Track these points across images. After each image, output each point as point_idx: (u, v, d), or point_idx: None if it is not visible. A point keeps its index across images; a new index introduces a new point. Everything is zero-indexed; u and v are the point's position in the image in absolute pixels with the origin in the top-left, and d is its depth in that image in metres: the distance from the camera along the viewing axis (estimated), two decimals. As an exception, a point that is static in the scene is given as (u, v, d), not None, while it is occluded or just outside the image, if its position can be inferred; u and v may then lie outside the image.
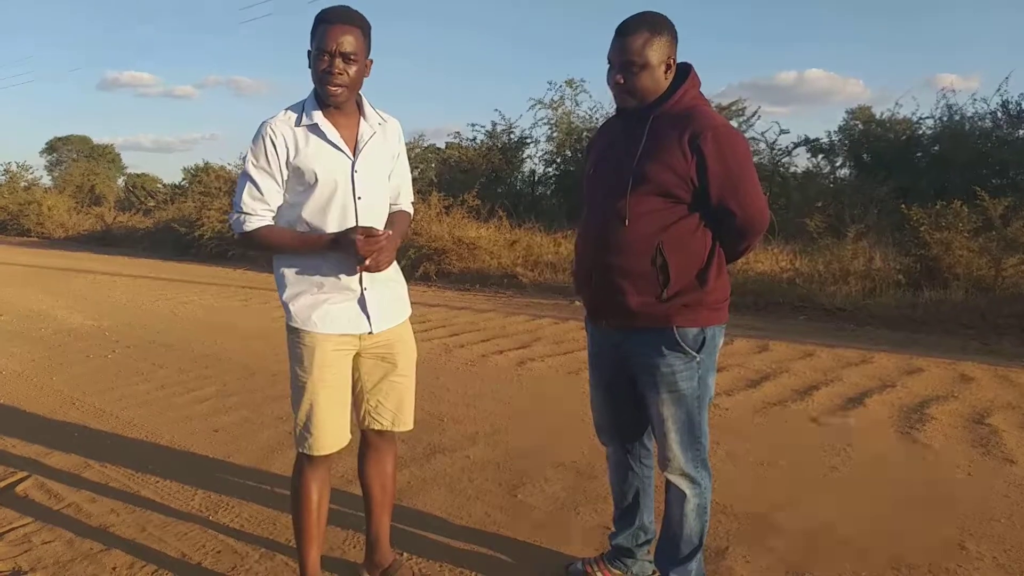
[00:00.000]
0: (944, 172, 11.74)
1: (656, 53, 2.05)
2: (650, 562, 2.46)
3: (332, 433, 2.20)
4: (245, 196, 2.12)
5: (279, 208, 2.17)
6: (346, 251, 2.06)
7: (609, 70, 2.12)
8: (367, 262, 2.06)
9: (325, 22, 2.04)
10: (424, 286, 10.46)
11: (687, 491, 2.23)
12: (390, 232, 2.11)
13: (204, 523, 2.96)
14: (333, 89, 2.06)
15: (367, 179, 2.16)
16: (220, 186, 16.25)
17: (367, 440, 2.38)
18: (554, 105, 15.80)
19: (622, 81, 2.08)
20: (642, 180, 2.06)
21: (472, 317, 7.92)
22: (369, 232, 2.04)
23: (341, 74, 2.04)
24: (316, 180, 2.09)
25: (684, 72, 2.14)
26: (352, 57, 2.04)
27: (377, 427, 2.33)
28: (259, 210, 2.12)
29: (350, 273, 2.14)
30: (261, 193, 2.12)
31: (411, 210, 2.46)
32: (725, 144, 2.02)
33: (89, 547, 2.77)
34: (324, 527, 2.32)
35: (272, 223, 2.16)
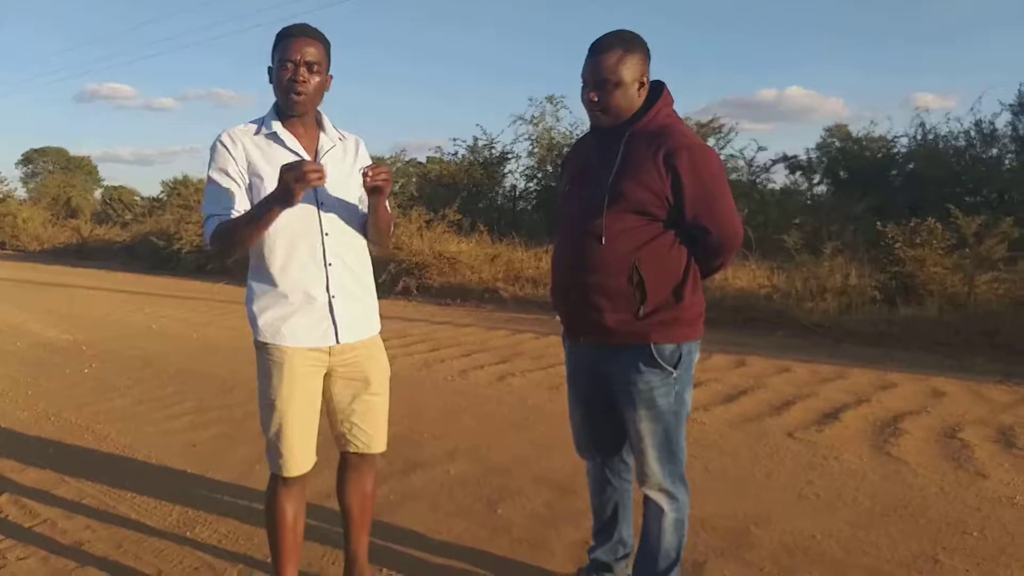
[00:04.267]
0: (918, 190, 11.92)
1: (629, 71, 2.08)
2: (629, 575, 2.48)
3: (303, 453, 2.19)
4: (206, 201, 2.12)
5: None
6: (285, 192, 1.90)
7: (583, 88, 2.15)
8: (314, 176, 1.88)
9: (288, 36, 2.09)
10: (404, 300, 10.46)
11: (665, 506, 2.25)
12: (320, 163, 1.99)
13: (181, 539, 2.94)
14: (296, 97, 2.09)
15: (328, 187, 2.15)
16: (199, 199, 16.08)
17: (347, 461, 2.38)
18: (535, 121, 15.90)
19: (596, 99, 2.11)
20: (618, 198, 2.08)
21: (452, 332, 7.93)
22: (291, 166, 1.90)
23: (305, 82, 2.08)
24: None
25: (657, 90, 2.17)
26: (315, 67, 2.09)
27: (353, 449, 2.32)
28: (221, 211, 2.08)
29: (318, 282, 2.14)
30: (223, 195, 2.09)
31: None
32: (699, 162, 2.05)
33: (64, 564, 2.75)
34: (300, 544, 2.31)
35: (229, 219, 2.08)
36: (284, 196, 1.92)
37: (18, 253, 22.25)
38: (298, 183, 1.88)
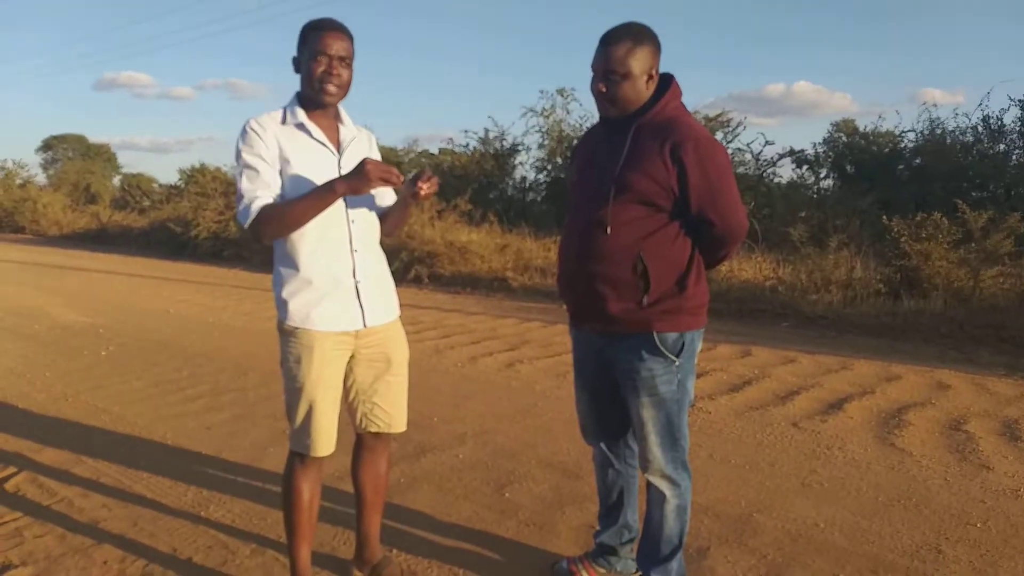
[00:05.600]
0: (925, 184, 11.86)
1: (638, 63, 2.10)
2: (634, 560, 2.51)
3: (329, 434, 2.24)
4: (244, 183, 2.11)
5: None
6: (362, 181, 2.05)
7: (592, 78, 2.17)
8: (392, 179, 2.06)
9: (320, 29, 2.12)
10: (416, 289, 10.49)
11: (667, 492, 2.28)
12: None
13: (195, 519, 3.00)
14: (331, 88, 2.14)
15: None
16: (216, 187, 16.18)
17: (362, 442, 2.42)
18: (545, 113, 15.84)
19: (604, 90, 2.13)
20: (624, 189, 2.11)
21: (462, 319, 7.97)
22: (379, 165, 2.06)
23: (339, 75, 2.13)
24: (304, 176, 2.13)
25: (666, 82, 2.19)
26: (347, 61, 2.15)
27: (374, 429, 2.37)
28: (260, 192, 2.10)
29: (345, 268, 2.20)
30: (259, 176, 2.11)
31: None
32: (705, 155, 2.07)
33: (80, 542, 2.80)
34: (315, 525, 2.36)
35: (274, 202, 2.12)
36: (356, 185, 2.04)
37: (38, 238, 22.28)
38: (379, 180, 2.03)
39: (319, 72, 2.12)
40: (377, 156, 2.41)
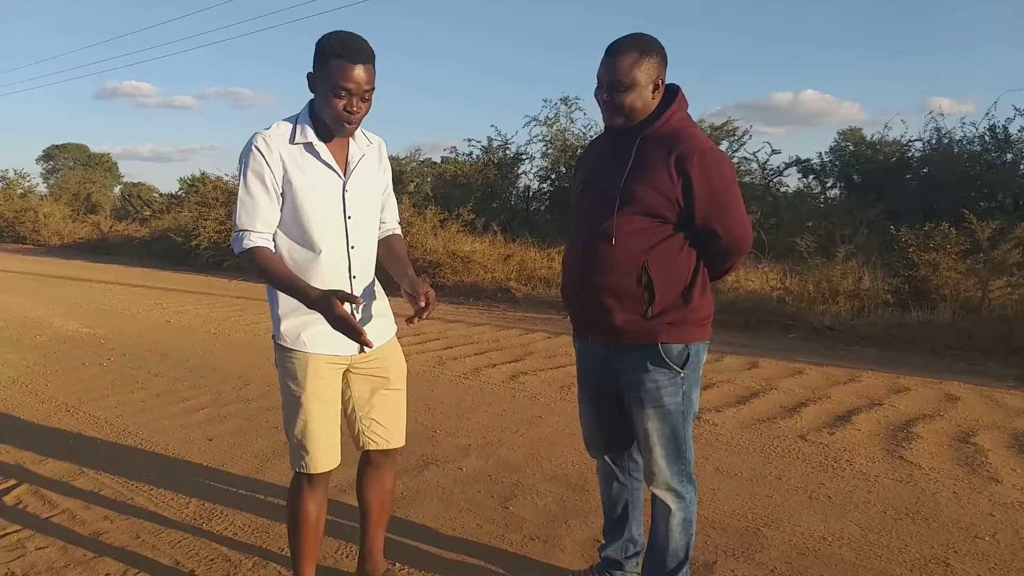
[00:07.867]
0: (932, 194, 11.83)
1: (644, 73, 2.09)
2: (639, 574, 2.49)
3: (328, 449, 2.20)
4: (242, 214, 2.07)
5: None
6: (326, 315, 1.97)
7: (597, 88, 2.16)
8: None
9: (342, 58, 1.96)
10: (418, 299, 10.48)
11: (672, 505, 2.26)
12: (360, 301, 2.05)
13: (198, 531, 2.98)
14: (349, 127, 2.07)
15: (357, 199, 2.18)
16: (217, 196, 16.15)
17: (368, 458, 2.39)
18: (549, 122, 15.91)
19: (609, 100, 2.13)
20: (629, 200, 2.10)
21: (465, 330, 7.95)
22: (346, 297, 1.96)
23: (358, 112, 2.04)
24: (308, 198, 2.08)
25: (672, 94, 2.19)
26: (368, 94, 2.04)
27: (372, 447, 2.34)
28: (256, 227, 2.07)
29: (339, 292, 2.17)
30: (258, 210, 2.07)
31: (399, 229, 2.47)
32: (711, 166, 2.07)
33: (82, 554, 2.79)
34: (320, 542, 2.33)
35: (270, 245, 2.10)
36: (322, 312, 1.97)
37: (39, 248, 22.36)
38: (345, 331, 1.95)
39: (339, 108, 2.00)
40: (387, 165, 2.36)
